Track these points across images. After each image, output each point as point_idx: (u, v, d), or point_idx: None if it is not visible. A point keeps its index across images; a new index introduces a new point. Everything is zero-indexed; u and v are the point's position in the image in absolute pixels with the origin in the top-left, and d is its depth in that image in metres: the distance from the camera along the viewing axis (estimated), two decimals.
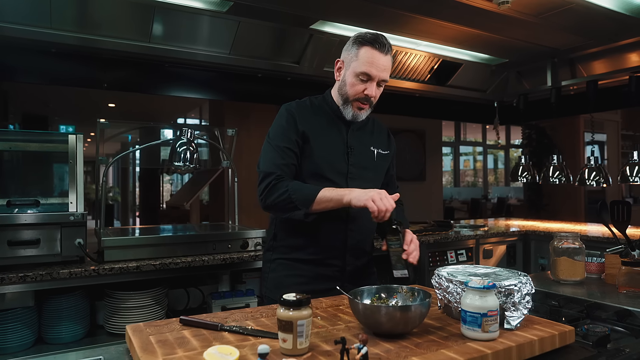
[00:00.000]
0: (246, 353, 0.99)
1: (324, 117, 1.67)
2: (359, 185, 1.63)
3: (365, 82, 1.56)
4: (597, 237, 3.01)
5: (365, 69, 1.55)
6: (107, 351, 1.15)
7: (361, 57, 1.55)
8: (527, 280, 1.20)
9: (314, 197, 1.47)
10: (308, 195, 1.49)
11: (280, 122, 1.63)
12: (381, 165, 1.76)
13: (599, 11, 2.55)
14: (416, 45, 3.21)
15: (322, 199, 1.47)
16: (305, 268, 1.63)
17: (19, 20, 2.29)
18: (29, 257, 1.87)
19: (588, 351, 1.13)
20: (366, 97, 1.58)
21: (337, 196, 1.46)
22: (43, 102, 6.96)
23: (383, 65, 1.56)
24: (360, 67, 1.55)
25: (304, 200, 1.49)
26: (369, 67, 1.54)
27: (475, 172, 12.65)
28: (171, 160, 2.52)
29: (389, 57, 1.58)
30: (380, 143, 1.76)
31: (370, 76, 1.55)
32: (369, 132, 1.75)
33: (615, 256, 1.81)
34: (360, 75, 1.56)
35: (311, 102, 1.71)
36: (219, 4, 2.47)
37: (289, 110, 1.64)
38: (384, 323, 1.08)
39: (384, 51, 1.55)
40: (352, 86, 1.59)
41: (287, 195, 1.50)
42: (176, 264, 2.08)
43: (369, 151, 1.71)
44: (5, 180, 2.14)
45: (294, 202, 1.49)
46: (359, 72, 1.55)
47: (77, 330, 1.97)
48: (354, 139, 1.67)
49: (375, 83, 1.57)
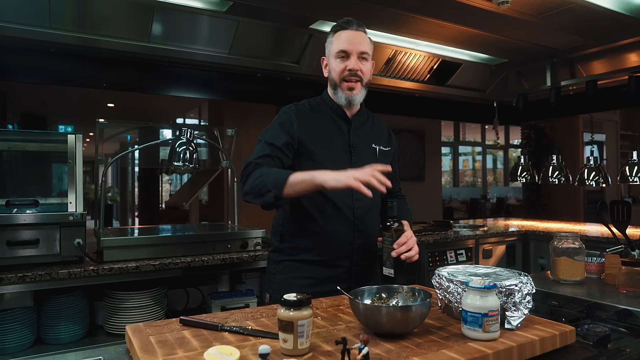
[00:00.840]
0: (247, 353, 0.99)
1: (324, 118, 1.68)
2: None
3: (346, 59, 1.61)
4: (597, 237, 3.01)
5: (340, 47, 1.62)
6: (107, 351, 1.14)
7: (335, 40, 1.65)
8: (528, 280, 1.20)
9: (286, 179, 1.43)
10: (280, 177, 1.44)
11: (276, 122, 1.64)
12: (384, 162, 1.73)
13: (598, 11, 2.55)
14: (416, 45, 3.21)
15: (294, 181, 1.42)
16: (312, 269, 1.63)
17: (18, 20, 2.29)
18: (28, 257, 1.86)
19: (589, 351, 1.13)
20: (351, 72, 1.61)
21: (309, 177, 1.41)
22: (42, 102, 6.96)
23: (356, 39, 1.62)
24: (336, 48, 1.63)
25: (275, 182, 1.44)
26: (343, 44, 1.61)
27: (475, 172, 12.66)
28: (170, 160, 2.51)
29: (360, 32, 1.64)
30: (381, 140, 1.77)
31: (347, 52, 1.61)
32: (370, 129, 1.75)
33: (615, 256, 1.81)
34: (339, 54, 1.62)
35: (310, 104, 1.71)
36: (218, 4, 2.47)
37: (287, 113, 1.65)
38: (384, 323, 1.08)
39: (353, 27, 1.63)
40: (335, 68, 1.64)
41: (260, 180, 1.47)
42: (175, 264, 2.07)
43: (371, 149, 1.72)
44: (4, 180, 2.13)
45: (266, 185, 1.45)
46: (336, 51, 1.63)
47: (76, 331, 1.97)
48: (355, 137, 1.67)
49: (356, 57, 1.61)
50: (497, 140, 5.18)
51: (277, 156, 1.57)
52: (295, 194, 1.45)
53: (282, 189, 1.43)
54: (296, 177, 1.43)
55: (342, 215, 1.60)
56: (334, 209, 1.60)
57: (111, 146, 8.80)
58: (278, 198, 1.44)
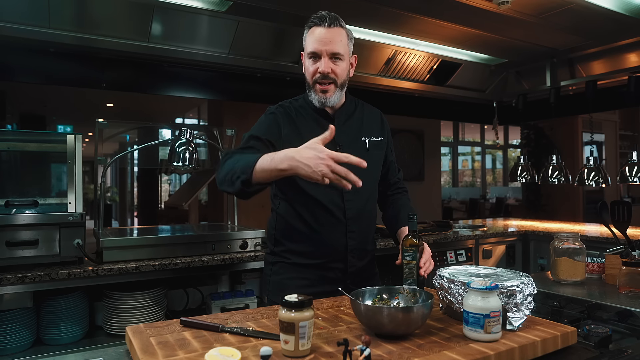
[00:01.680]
0: (248, 355, 0.98)
1: (307, 118, 1.63)
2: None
3: (318, 60, 1.54)
4: (597, 237, 3.01)
5: (311, 47, 1.53)
6: (107, 352, 1.14)
7: (308, 38, 1.56)
8: (529, 281, 1.20)
9: (255, 161, 1.32)
10: (249, 161, 1.34)
11: (262, 120, 1.61)
12: (376, 154, 1.69)
13: (598, 11, 2.55)
14: (415, 45, 3.20)
15: (262, 165, 1.31)
16: (307, 272, 1.61)
17: (17, 20, 2.28)
18: (28, 258, 1.86)
19: (590, 352, 1.13)
20: (322, 75, 1.53)
21: (276, 160, 1.29)
22: (41, 102, 6.94)
23: (327, 37, 1.51)
24: (307, 49, 1.55)
25: (244, 167, 1.34)
26: (313, 44, 1.52)
27: (474, 172, 12.66)
28: (170, 160, 2.51)
29: (333, 30, 1.52)
30: (371, 130, 1.70)
31: (316, 53, 1.53)
32: (358, 121, 1.69)
33: (615, 256, 1.81)
34: (310, 55, 1.55)
35: (293, 105, 1.66)
36: (218, 4, 2.46)
37: (275, 113, 1.61)
38: (385, 324, 1.07)
39: (324, 24, 1.52)
40: (307, 69, 1.58)
41: (231, 167, 1.39)
42: (175, 264, 2.07)
43: (360, 142, 1.65)
44: (3, 180, 2.13)
45: (236, 171, 1.36)
46: (307, 52, 1.56)
47: (76, 331, 1.96)
48: (341, 133, 1.58)
49: (327, 58, 1.52)
50: (496, 141, 5.17)
51: (259, 148, 1.49)
52: (267, 178, 1.33)
53: (251, 173, 1.32)
54: (264, 158, 1.32)
55: (333, 217, 1.57)
56: (325, 212, 1.57)
57: (110, 146, 8.78)
58: (247, 184, 1.34)
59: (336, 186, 1.28)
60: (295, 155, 1.25)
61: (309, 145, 1.26)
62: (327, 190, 1.54)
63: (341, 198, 1.58)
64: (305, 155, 1.24)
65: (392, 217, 1.72)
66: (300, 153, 1.25)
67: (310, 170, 1.22)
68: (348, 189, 1.24)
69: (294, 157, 1.25)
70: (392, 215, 1.72)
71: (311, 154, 1.23)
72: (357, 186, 1.22)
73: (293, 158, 1.25)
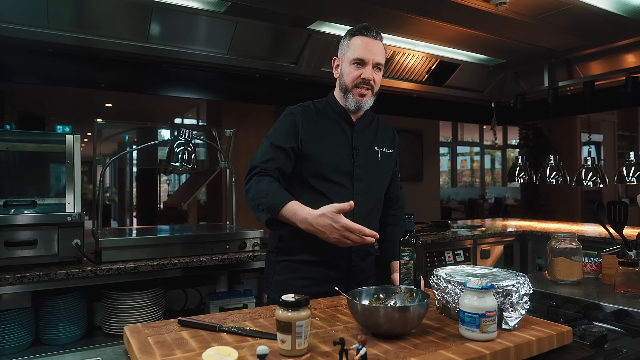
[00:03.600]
0: (245, 354, 0.99)
1: (328, 120, 1.69)
2: (365, 185, 1.65)
3: (361, 67, 1.61)
4: (594, 237, 3.02)
5: (358, 54, 1.60)
6: (105, 352, 1.14)
7: (352, 45, 1.63)
8: (525, 281, 1.20)
9: (282, 205, 1.46)
10: (275, 204, 1.47)
11: (282, 123, 1.66)
12: (386, 164, 1.77)
13: (595, 12, 2.56)
14: (414, 46, 3.21)
15: (288, 212, 1.46)
16: (311, 270, 1.63)
17: (15, 20, 2.28)
18: (26, 258, 1.86)
19: (586, 351, 1.13)
20: (364, 81, 1.61)
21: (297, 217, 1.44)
22: (40, 102, 6.94)
23: (374, 49, 1.61)
24: (353, 54, 1.61)
25: (270, 207, 1.47)
26: (361, 52, 1.60)
27: (473, 172, 12.68)
28: (169, 161, 2.51)
29: (379, 42, 1.64)
30: (385, 142, 1.78)
31: (363, 60, 1.60)
32: (374, 132, 1.76)
33: (612, 256, 1.82)
34: (354, 61, 1.61)
35: (315, 106, 1.72)
36: (216, 4, 2.47)
37: (294, 114, 1.66)
38: (382, 324, 1.08)
39: (373, 36, 1.62)
40: (349, 74, 1.63)
41: (260, 196, 1.50)
42: (174, 264, 2.07)
43: (374, 151, 1.72)
44: (2, 180, 2.13)
45: (262, 204, 1.48)
46: (353, 58, 1.61)
47: (74, 331, 1.96)
48: (358, 140, 1.69)
49: (371, 67, 1.61)
50: (495, 141, 5.19)
51: (282, 159, 1.59)
52: (286, 223, 1.48)
53: (277, 214, 1.46)
54: (288, 209, 1.45)
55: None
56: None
57: (109, 146, 8.78)
58: (270, 223, 1.49)
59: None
60: (313, 222, 1.40)
61: (327, 213, 1.38)
62: (338, 189, 1.62)
63: (352, 199, 1.61)
64: (321, 223, 1.39)
65: (387, 248, 1.80)
66: (318, 221, 1.40)
67: (325, 236, 1.40)
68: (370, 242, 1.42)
69: (312, 223, 1.40)
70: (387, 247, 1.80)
71: (326, 223, 1.38)
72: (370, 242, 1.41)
73: (311, 224, 1.41)
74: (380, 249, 1.83)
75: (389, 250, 1.77)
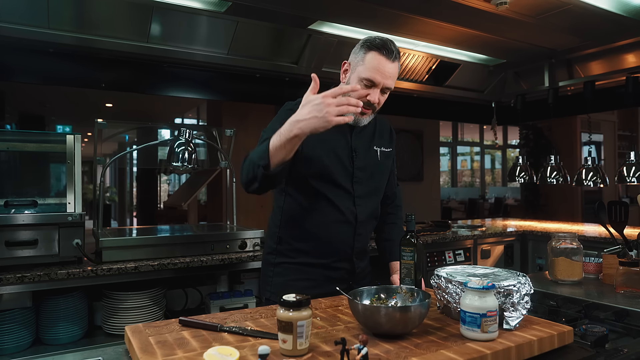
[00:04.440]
0: (246, 354, 0.99)
1: None
2: (365, 188, 1.64)
3: (369, 88, 1.53)
4: (595, 237, 3.02)
5: (369, 75, 1.51)
6: (106, 352, 1.14)
7: (367, 62, 1.52)
8: (526, 281, 1.20)
9: (268, 146, 1.36)
10: (262, 148, 1.38)
11: (280, 117, 1.59)
12: (385, 163, 1.76)
13: (596, 12, 2.56)
14: (414, 46, 3.21)
15: (275, 144, 1.34)
16: (313, 272, 1.62)
17: (16, 20, 2.28)
18: (27, 258, 1.86)
19: (587, 351, 1.13)
20: (368, 103, 1.54)
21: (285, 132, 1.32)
22: (40, 102, 6.94)
23: (388, 72, 1.52)
24: (365, 73, 1.52)
25: (259, 155, 1.38)
26: (374, 73, 1.51)
27: (473, 172, 12.68)
28: (169, 161, 2.51)
29: (395, 65, 1.54)
30: (383, 141, 1.75)
31: (374, 82, 1.52)
32: (372, 131, 1.74)
33: (612, 256, 1.82)
34: (364, 80, 1.52)
35: None
36: (217, 4, 2.47)
37: (293, 110, 1.60)
38: (383, 324, 1.08)
39: (391, 58, 1.52)
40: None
41: (248, 163, 1.43)
42: (174, 264, 2.07)
43: (373, 151, 1.70)
44: (2, 180, 2.13)
45: (254, 162, 1.39)
46: (363, 77, 1.52)
47: (75, 331, 1.96)
48: (357, 141, 1.66)
49: (379, 90, 1.53)
50: (495, 141, 5.19)
51: None
52: (285, 154, 1.35)
53: (268, 157, 1.35)
54: (274, 139, 1.35)
55: (344, 219, 1.60)
56: (337, 213, 1.59)
57: (109, 146, 8.78)
58: (268, 167, 1.36)
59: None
60: (297, 118, 1.30)
61: (303, 102, 1.32)
62: (339, 192, 1.59)
63: (352, 202, 1.61)
64: (305, 112, 1.29)
65: (386, 248, 1.79)
66: (300, 113, 1.30)
67: (318, 119, 1.27)
68: (358, 112, 1.34)
69: (297, 119, 1.30)
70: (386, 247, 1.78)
71: (309, 108, 1.29)
72: (358, 105, 1.30)
73: (297, 121, 1.30)
74: (379, 248, 1.82)
75: (388, 250, 1.76)
